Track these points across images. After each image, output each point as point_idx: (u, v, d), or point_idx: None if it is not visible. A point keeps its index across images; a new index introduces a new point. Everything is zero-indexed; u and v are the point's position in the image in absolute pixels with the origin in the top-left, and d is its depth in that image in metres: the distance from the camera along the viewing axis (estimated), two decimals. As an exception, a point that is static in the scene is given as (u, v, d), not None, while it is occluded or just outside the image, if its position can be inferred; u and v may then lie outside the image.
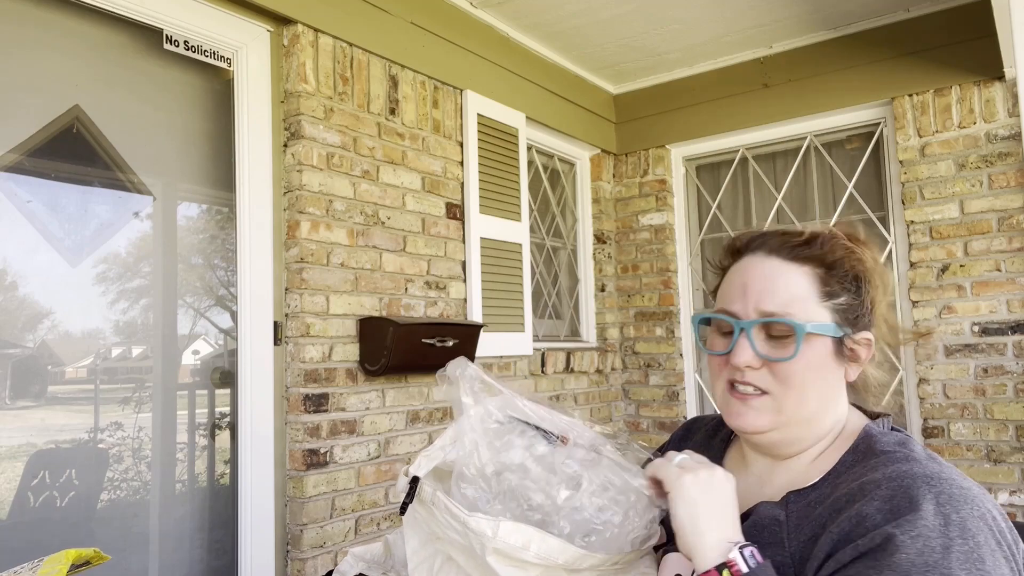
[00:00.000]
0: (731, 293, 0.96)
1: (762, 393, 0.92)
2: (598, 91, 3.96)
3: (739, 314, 0.93)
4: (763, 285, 0.93)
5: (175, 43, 2.15)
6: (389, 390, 2.56)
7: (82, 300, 2.04)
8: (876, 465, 0.85)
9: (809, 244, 0.94)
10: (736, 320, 0.93)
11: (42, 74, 1.94)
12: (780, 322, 0.90)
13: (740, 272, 0.96)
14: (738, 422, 0.94)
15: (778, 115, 3.57)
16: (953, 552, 0.74)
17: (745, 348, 0.92)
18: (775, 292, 0.92)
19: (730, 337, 0.94)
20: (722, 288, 1.00)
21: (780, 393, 0.91)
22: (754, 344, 0.91)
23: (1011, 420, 2.94)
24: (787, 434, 0.93)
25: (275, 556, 2.25)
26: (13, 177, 1.88)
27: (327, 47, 2.45)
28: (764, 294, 0.92)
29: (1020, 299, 2.95)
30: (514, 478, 0.89)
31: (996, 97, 3.03)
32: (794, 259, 0.93)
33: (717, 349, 0.97)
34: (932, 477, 0.81)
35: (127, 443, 2.09)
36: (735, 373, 0.93)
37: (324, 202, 2.39)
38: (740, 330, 0.92)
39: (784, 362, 0.90)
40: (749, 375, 0.92)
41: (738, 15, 3.24)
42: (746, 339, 0.92)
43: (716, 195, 3.93)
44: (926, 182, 3.17)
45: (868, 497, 0.81)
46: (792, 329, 0.90)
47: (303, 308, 2.30)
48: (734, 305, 0.94)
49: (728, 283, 0.98)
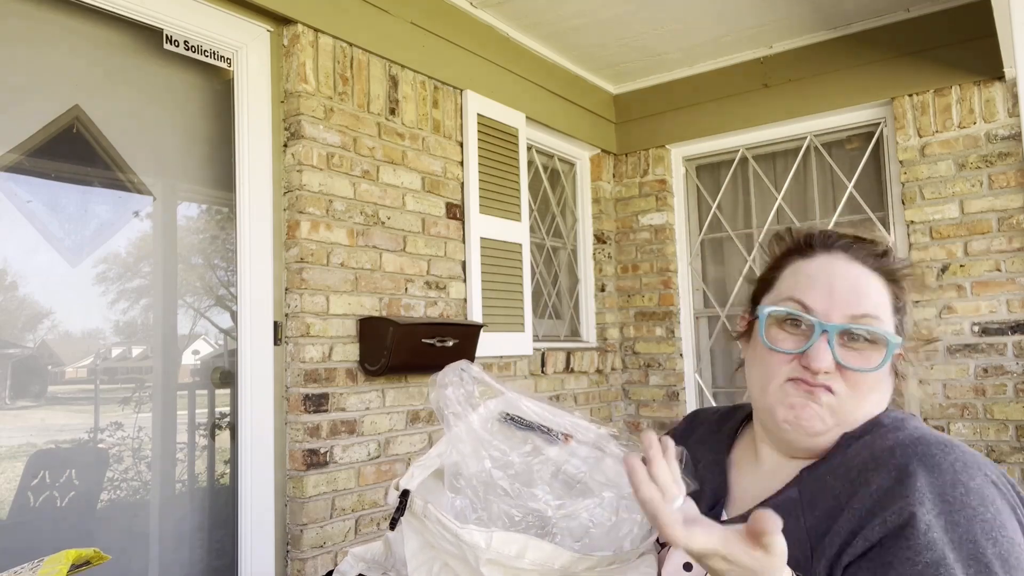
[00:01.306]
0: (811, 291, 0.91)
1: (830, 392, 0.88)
2: (598, 91, 3.96)
3: (820, 314, 0.89)
4: (853, 289, 0.89)
5: (175, 43, 2.15)
6: (389, 390, 2.56)
7: (82, 300, 2.04)
8: (884, 433, 0.86)
9: (887, 256, 0.93)
10: (818, 320, 0.88)
11: (42, 74, 1.94)
12: (876, 331, 0.88)
13: (821, 269, 0.92)
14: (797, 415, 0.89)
15: (778, 115, 3.57)
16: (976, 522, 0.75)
17: (826, 353, 0.87)
18: (865, 298, 0.89)
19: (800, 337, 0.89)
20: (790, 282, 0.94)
21: (846, 397, 0.88)
22: (834, 350, 0.87)
23: (1011, 420, 2.94)
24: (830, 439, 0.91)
25: (275, 556, 2.25)
26: (13, 177, 1.88)
27: (327, 47, 2.45)
28: (854, 299, 0.89)
29: (1020, 299, 2.95)
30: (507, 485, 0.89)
31: (996, 97, 3.03)
32: (876, 269, 0.92)
33: (785, 346, 0.90)
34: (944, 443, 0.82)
35: (127, 443, 2.09)
36: (804, 374, 0.88)
37: (324, 202, 2.39)
38: (822, 332, 0.87)
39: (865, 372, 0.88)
40: (820, 378, 0.88)
41: (738, 15, 3.24)
42: (827, 343, 0.87)
43: (716, 195, 3.93)
44: (926, 182, 3.17)
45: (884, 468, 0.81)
46: (884, 340, 0.87)
47: (303, 308, 2.30)
48: (815, 302, 0.89)
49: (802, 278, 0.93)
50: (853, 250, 0.93)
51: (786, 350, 0.90)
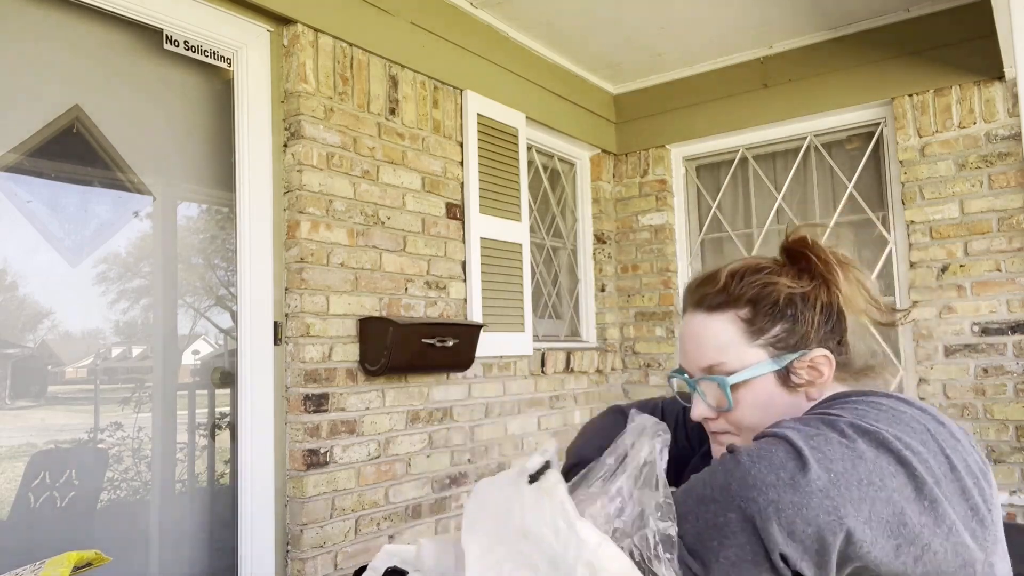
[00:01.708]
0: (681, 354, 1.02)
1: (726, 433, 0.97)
2: (598, 91, 3.96)
3: (689, 372, 0.99)
4: (694, 343, 0.97)
5: (175, 43, 2.15)
6: (389, 390, 2.56)
7: (82, 300, 2.04)
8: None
9: (724, 290, 0.95)
10: (688, 379, 0.99)
11: (42, 74, 1.94)
12: (704, 379, 0.96)
13: (682, 333, 1.01)
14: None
15: (778, 115, 3.57)
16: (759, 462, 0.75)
17: (698, 403, 0.97)
18: (704, 348, 0.96)
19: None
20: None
21: (740, 434, 0.96)
22: (704, 398, 0.97)
23: (1011, 420, 2.94)
24: None
25: (275, 556, 2.25)
26: (13, 177, 1.88)
27: (327, 47, 2.45)
28: (695, 351, 0.97)
29: (1020, 299, 2.95)
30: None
31: (996, 97, 3.03)
32: (714, 310, 0.95)
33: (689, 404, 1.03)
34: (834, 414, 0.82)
35: (127, 443, 2.09)
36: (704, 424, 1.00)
37: (324, 202, 2.39)
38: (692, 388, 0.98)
39: (727, 412, 0.95)
40: (712, 424, 0.98)
41: (738, 15, 3.24)
42: (698, 395, 0.97)
43: (716, 195, 3.93)
44: (926, 182, 3.17)
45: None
46: (717, 383, 0.94)
47: (303, 308, 2.30)
48: (684, 363, 1.00)
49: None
50: (694, 301, 0.99)
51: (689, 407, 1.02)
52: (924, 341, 3.13)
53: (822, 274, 0.94)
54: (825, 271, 0.94)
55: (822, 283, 0.94)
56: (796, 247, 0.97)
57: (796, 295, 0.93)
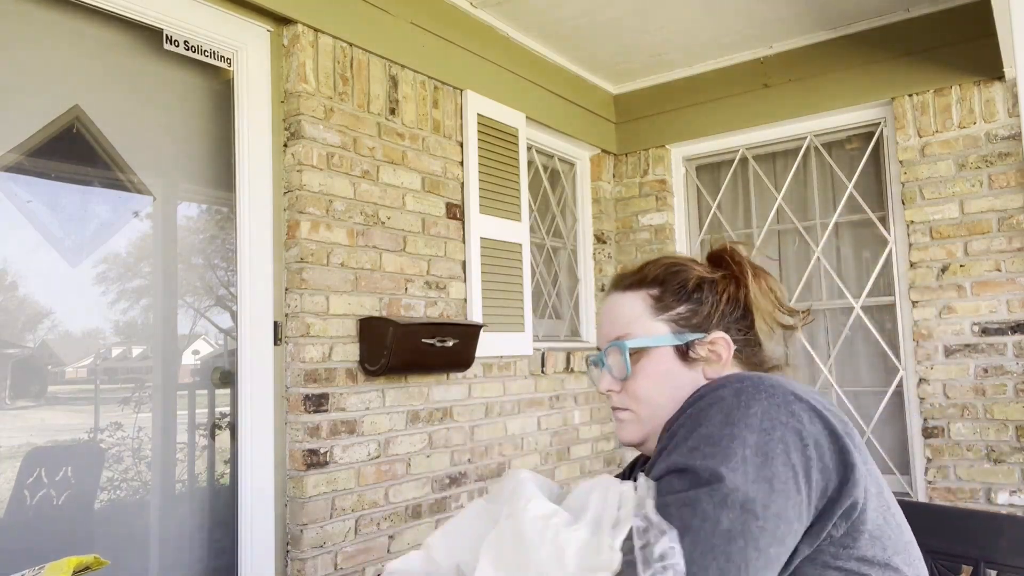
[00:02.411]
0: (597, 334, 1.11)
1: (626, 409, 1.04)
2: (598, 91, 3.96)
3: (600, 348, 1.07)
4: (606, 319, 1.07)
5: (175, 43, 2.15)
6: (389, 390, 2.56)
7: (82, 300, 2.04)
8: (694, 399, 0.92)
9: (639, 271, 1.07)
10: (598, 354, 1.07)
11: (42, 74, 1.94)
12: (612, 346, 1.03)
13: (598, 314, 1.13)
14: (619, 437, 1.07)
15: (778, 115, 3.57)
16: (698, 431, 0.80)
17: (604, 376, 1.05)
18: (614, 321, 1.05)
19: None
20: None
21: (636, 407, 1.02)
22: (611, 370, 1.04)
23: (1011, 420, 2.94)
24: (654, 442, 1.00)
25: (275, 556, 2.25)
26: (13, 177, 1.88)
27: (327, 47, 2.45)
28: (607, 326, 1.06)
29: (1020, 299, 2.95)
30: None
31: (996, 97, 3.03)
32: (626, 288, 1.06)
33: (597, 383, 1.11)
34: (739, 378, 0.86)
35: (127, 443, 2.09)
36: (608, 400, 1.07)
37: (324, 202, 2.39)
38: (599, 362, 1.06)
39: (626, 380, 1.02)
40: (614, 398, 1.05)
41: (738, 15, 3.24)
42: (605, 369, 1.05)
43: (716, 195, 3.93)
44: (926, 182, 3.17)
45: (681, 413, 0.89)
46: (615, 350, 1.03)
47: (303, 308, 2.30)
48: (599, 343, 1.09)
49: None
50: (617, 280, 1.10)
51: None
52: (924, 341, 3.13)
53: (735, 273, 1.05)
54: (738, 271, 1.05)
55: (732, 278, 1.04)
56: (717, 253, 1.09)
57: (705, 281, 1.04)
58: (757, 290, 1.04)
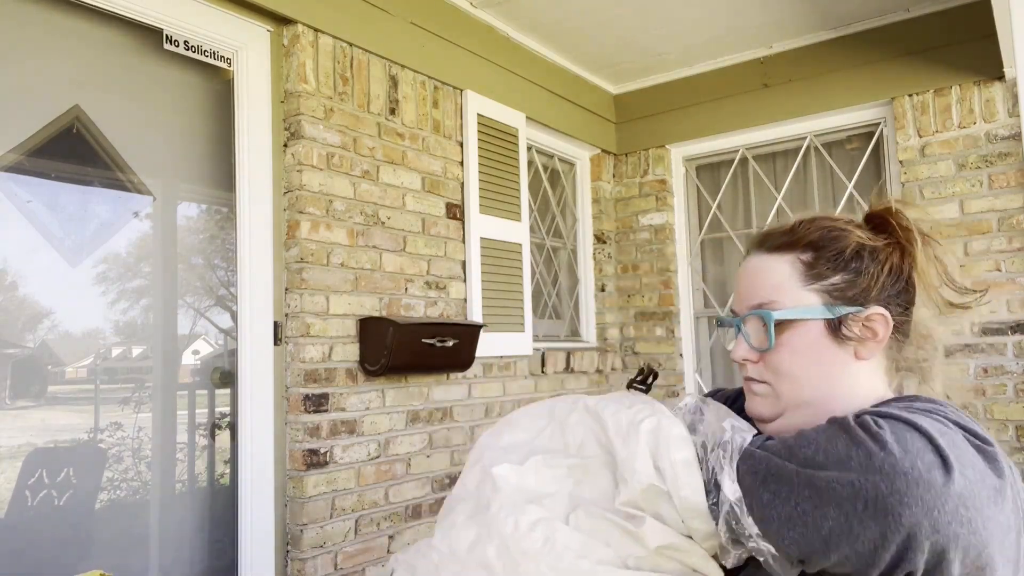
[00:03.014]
0: (734, 295, 1.01)
1: (763, 382, 0.94)
2: (598, 91, 3.96)
3: (737, 312, 0.98)
4: (748, 282, 0.96)
5: (175, 43, 2.15)
6: (389, 390, 2.56)
7: (82, 300, 2.04)
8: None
9: (790, 232, 0.95)
10: (733, 318, 0.98)
11: (42, 74, 1.94)
12: (754, 314, 0.94)
13: (738, 274, 1.01)
14: (749, 410, 0.97)
15: (778, 115, 3.57)
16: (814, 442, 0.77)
17: (740, 344, 0.95)
18: (758, 286, 0.95)
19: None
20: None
21: (775, 382, 0.93)
22: (748, 339, 0.94)
23: (1011, 420, 2.94)
24: (794, 419, 0.92)
25: (275, 556, 2.25)
26: (13, 177, 1.88)
27: (327, 47, 2.45)
28: (750, 290, 0.96)
29: (1020, 299, 2.95)
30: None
31: (996, 97, 3.03)
32: (774, 250, 0.95)
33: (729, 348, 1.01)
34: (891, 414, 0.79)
35: (127, 443, 2.09)
36: (742, 368, 0.97)
37: (324, 202, 2.39)
38: (736, 327, 0.96)
39: (766, 352, 0.92)
40: (750, 369, 0.95)
41: (738, 15, 3.24)
42: (741, 336, 0.95)
43: (716, 195, 3.93)
44: (926, 182, 3.17)
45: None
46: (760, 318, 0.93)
47: (303, 308, 2.30)
48: (736, 305, 0.99)
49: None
50: (757, 243, 0.98)
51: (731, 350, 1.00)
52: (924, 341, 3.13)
53: (899, 239, 0.93)
54: (904, 237, 0.92)
55: (897, 246, 0.93)
56: (880, 214, 0.96)
57: (866, 248, 0.92)
58: (924, 261, 0.93)
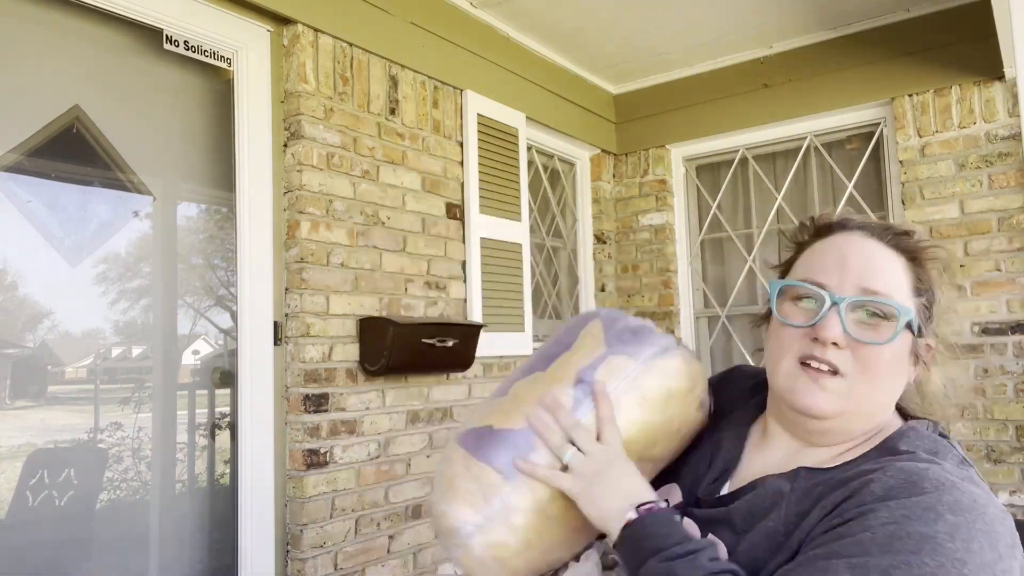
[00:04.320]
0: (823, 266, 0.89)
1: (835, 374, 0.86)
2: (598, 91, 3.96)
3: (832, 288, 0.87)
4: (866, 263, 0.87)
5: (175, 43, 2.15)
6: (389, 390, 2.56)
7: (82, 300, 2.04)
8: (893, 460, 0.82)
9: (908, 235, 0.91)
10: (829, 293, 0.87)
11: (42, 74, 1.94)
12: (886, 303, 0.85)
13: (835, 247, 0.91)
14: (806, 401, 0.86)
15: (778, 115, 3.57)
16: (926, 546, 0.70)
17: (836, 323, 0.85)
18: (879, 272, 0.87)
19: (812, 311, 0.88)
20: (806, 261, 0.93)
21: (856, 377, 0.85)
22: (844, 322, 0.85)
23: (1011, 420, 2.94)
24: (843, 423, 0.88)
25: (275, 556, 2.25)
26: (13, 177, 1.88)
27: (327, 47, 2.45)
28: (868, 272, 0.87)
29: (1020, 299, 2.95)
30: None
31: (996, 97, 3.03)
32: (894, 247, 0.89)
33: (796, 320, 0.89)
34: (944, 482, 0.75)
35: (127, 443, 2.09)
36: (814, 348, 0.86)
37: (324, 202, 2.39)
38: (832, 304, 0.85)
39: (877, 346, 0.84)
40: (831, 353, 0.85)
41: (738, 15, 3.24)
42: (837, 314, 0.85)
43: (716, 195, 3.93)
44: (926, 182, 3.17)
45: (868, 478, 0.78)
46: (895, 312, 0.85)
47: (303, 308, 2.30)
48: (827, 277, 0.88)
49: (817, 256, 0.92)
50: (870, 228, 0.91)
51: (797, 323, 0.88)
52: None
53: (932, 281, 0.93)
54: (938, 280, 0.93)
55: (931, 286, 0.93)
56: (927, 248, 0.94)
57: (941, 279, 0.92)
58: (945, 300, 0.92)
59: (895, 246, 0.89)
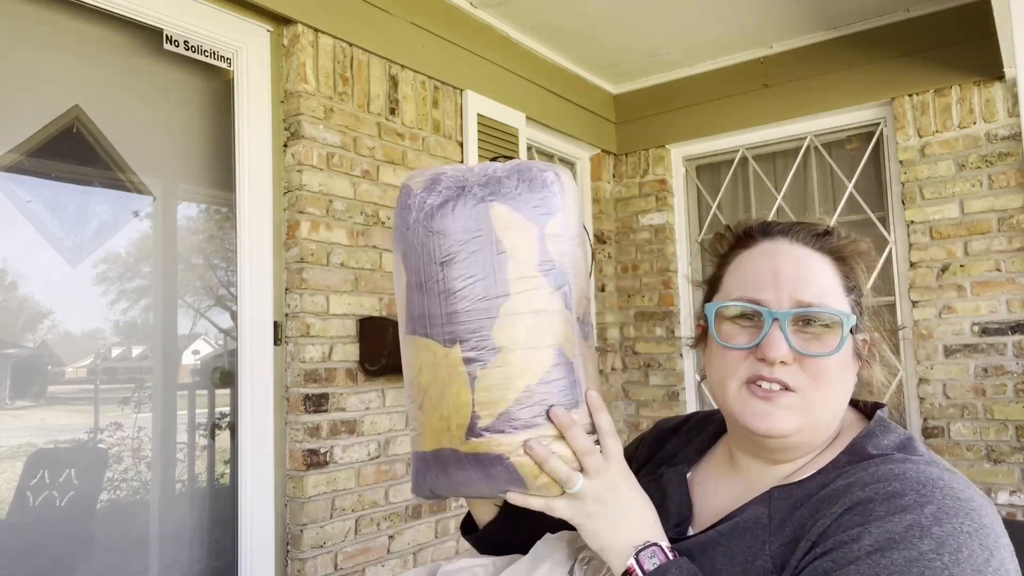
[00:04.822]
0: (756, 280, 0.87)
1: (787, 389, 0.83)
2: (598, 91, 3.96)
3: (770, 303, 0.84)
4: (797, 274, 0.85)
5: (175, 43, 2.15)
6: (389, 390, 2.56)
7: (82, 300, 2.04)
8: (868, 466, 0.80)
9: (829, 235, 0.89)
10: (767, 310, 0.84)
11: (42, 74, 1.94)
12: (826, 312, 0.83)
13: (763, 258, 0.88)
14: (764, 424, 0.83)
15: (778, 115, 3.57)
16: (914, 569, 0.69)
17: (781, 341, 0.82)
18: (811, 281, 0.85)
19: (753, 329, 0.85)
20: (735, 276, 0.90)
21: (810, 391, 0.83)
22: (788, 338, 0.82)
23: (1011, 420, 2.94)
24: (805, 436, 0.86)
25: (275, 556, 2.25)
26: (13, 177, 1.88)
27: (327, 47, 2.45)
28: (800, 283, 0.84)
29: (1020, 299, 2.95)
30: None
31: (996, 97, 3.03)
32: (819, 249, 0.88)
33: (738, 342, 0.86)
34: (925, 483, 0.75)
35: (127, 443, 2.09)
36: (762, 368, 0.83)
37: (324, 202, 2.39)
38: (773, 321, 0.83)
39: (823, 357, 0.82)
40: (779, 371, 0.83)
41: (738, 15, 3.24)
42: (780, 331, 0.82)
43: (716, 195, 3.93)
44: (926, 182, 3.17)
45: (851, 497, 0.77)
46: (838, 321, 0.83)
47: (303, 308, 2.30)
48: (762, 293, 0.85)
49: (747, 270, 0.89)
50: (793, 233, 0.89)
51: (740, 346, 0.86)
52: (924, 341, 3.13)
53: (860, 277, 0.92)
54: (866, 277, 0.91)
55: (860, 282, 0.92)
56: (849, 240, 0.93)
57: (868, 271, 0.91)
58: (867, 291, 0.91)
59: (820, 248, 0.88)
